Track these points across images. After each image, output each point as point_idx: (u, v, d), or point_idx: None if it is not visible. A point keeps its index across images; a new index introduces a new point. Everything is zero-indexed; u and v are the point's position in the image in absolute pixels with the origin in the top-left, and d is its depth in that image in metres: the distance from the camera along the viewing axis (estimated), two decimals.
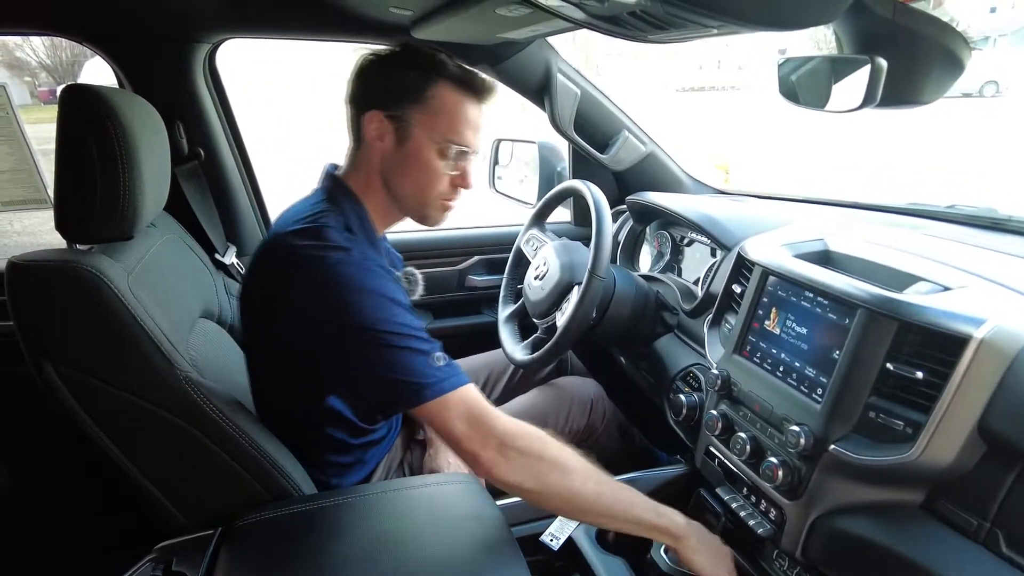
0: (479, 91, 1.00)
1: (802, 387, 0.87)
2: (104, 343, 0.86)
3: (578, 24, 0.84)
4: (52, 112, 0.88)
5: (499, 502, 1.02)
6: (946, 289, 0.80)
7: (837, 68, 0.76)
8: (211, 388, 0.89)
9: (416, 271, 1.19)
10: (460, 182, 1.02)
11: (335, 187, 1.01)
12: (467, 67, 1.00)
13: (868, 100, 0.71)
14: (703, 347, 1.15)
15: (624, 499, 0.91)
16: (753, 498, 0.95)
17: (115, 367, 0.88)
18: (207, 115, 1.46)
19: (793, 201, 1.55)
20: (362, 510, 0.92)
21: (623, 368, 1.51)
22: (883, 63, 0.68)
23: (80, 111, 0.87)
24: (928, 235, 1.07)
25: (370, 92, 0.99)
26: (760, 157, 9.09)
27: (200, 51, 1.42)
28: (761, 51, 23.39)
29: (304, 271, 0.88)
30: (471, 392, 0.88)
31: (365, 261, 0.89)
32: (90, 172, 0.87)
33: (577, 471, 0.89)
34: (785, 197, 1.58)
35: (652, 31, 0.72)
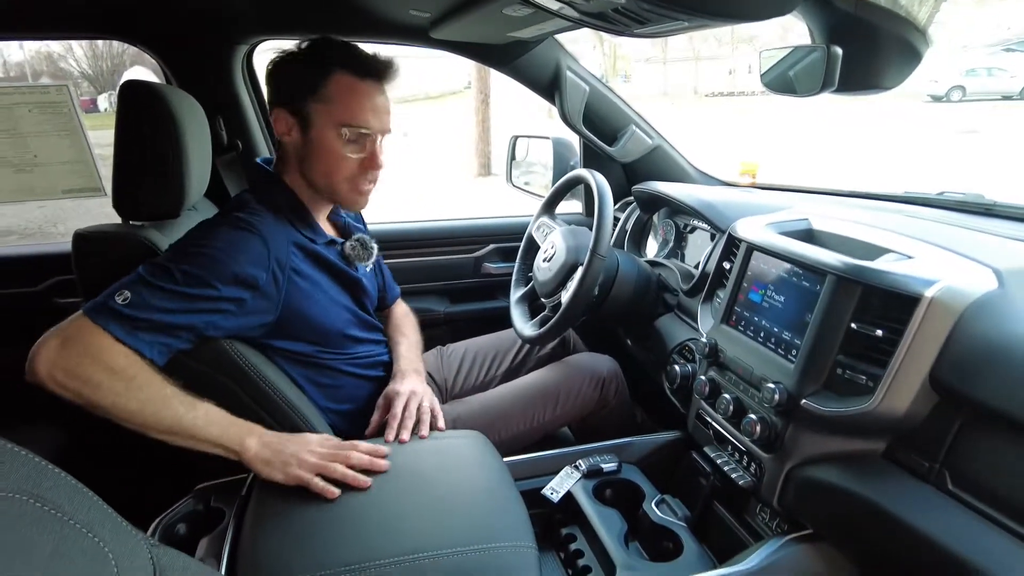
0: (372, 72, 1.05)
1: (779, 349, 0.95)
2: None
3: (573, 21, 0.93)
4: (92, 120, 1.00)
5: (506, 459, 1.12)
6: (909, 258, 0.87)
7: (800, 57, 0.84)
8: (242, 347, 1.01)
9: (368, 238, 1.23)
10: (368, 163, 1.08)
11: (261, 177, 1.13)
12: (363, 52, 1.05)
13: (827, 85, 0.79)
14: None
15: (172, 413, 0.88)
16: (736, 455, 1.03)
17: None
18: (245, 110, 1.59)
19: (794, 191, 1.61)
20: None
21: (627, 348, 1.59)
22: (838, 51, 0.77)
23: (139, 104, 1.01)
24: (910, 216, 1.13)
25: (275, 92, 1.08)
26: (789, 158, 9.16)
27: (239, 52, 1.55)
28: None
29: None
30: (101, 331, 0.84)
31: (241, 222, 0.98)
32: (145, 157, 1.01)
33: (130, 381, 0.85)
34: (787, 188, 1.65)
35: (635, 25, 0.82)
